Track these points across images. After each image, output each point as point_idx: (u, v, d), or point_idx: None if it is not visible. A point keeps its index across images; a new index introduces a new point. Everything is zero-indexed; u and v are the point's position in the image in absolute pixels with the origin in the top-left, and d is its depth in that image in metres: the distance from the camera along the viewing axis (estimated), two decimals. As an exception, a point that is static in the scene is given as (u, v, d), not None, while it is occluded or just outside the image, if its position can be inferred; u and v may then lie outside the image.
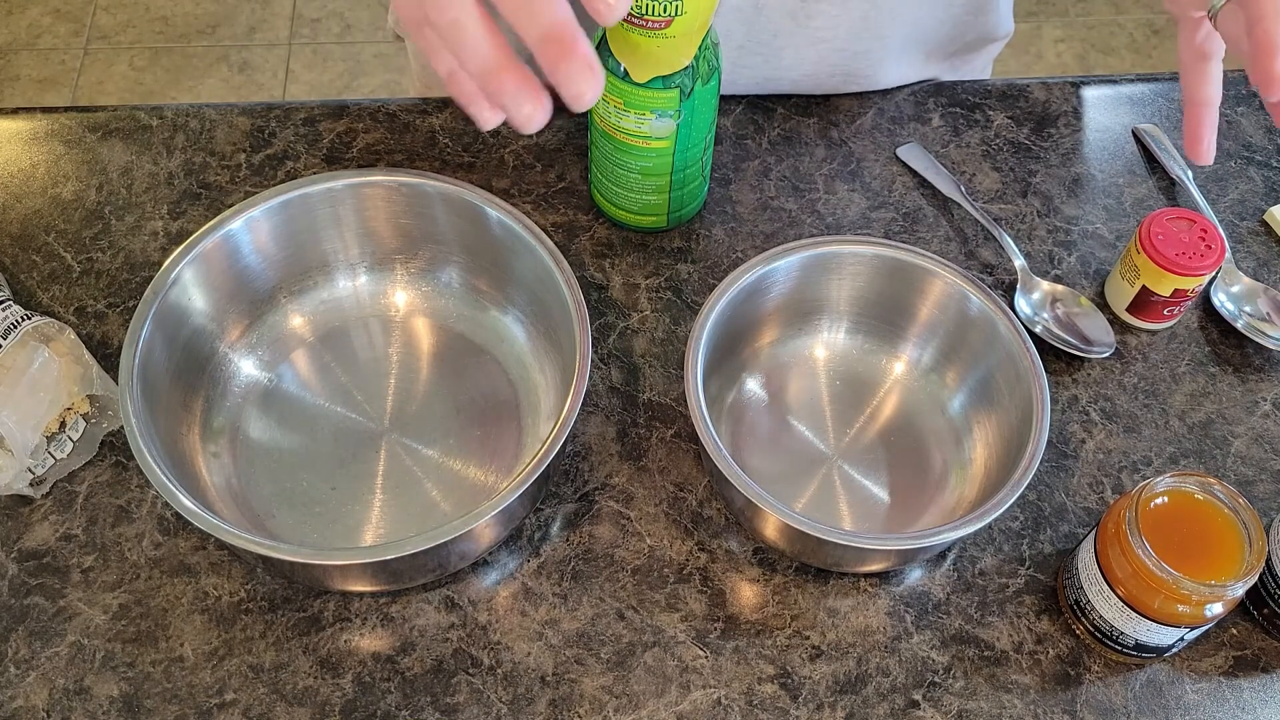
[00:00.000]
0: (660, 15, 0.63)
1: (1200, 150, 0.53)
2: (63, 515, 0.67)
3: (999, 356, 0.68)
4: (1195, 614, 0.59)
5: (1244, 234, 0.82)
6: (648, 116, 0.69)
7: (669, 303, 0.76)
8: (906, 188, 0.82)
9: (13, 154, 0.82)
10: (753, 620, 0.66)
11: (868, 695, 0.64)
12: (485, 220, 0.69)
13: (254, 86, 2.03)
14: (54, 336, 0.70)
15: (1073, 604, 0.65)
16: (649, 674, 0.64)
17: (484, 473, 0.69)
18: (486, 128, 0.49)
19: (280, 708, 0.62)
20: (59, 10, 2.12)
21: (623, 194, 0.76)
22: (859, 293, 0.72)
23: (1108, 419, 0.73)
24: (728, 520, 0.69)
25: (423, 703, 0.63)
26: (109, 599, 0.65)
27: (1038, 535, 0.69)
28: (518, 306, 0.73)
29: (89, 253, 0.77)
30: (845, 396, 0.73)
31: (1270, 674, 0.65)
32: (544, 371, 0.71)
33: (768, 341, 0.73)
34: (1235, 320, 0.76)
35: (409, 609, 0.65)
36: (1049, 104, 0.87)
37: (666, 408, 0.72)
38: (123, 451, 0.70)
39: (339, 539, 0.67)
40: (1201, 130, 0.52)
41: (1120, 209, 0.82)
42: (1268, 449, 0.73)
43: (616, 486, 0.69)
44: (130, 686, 0.63)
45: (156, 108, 0.84)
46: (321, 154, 0.82)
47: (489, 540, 0.64)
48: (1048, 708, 0.64)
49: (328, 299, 0.74)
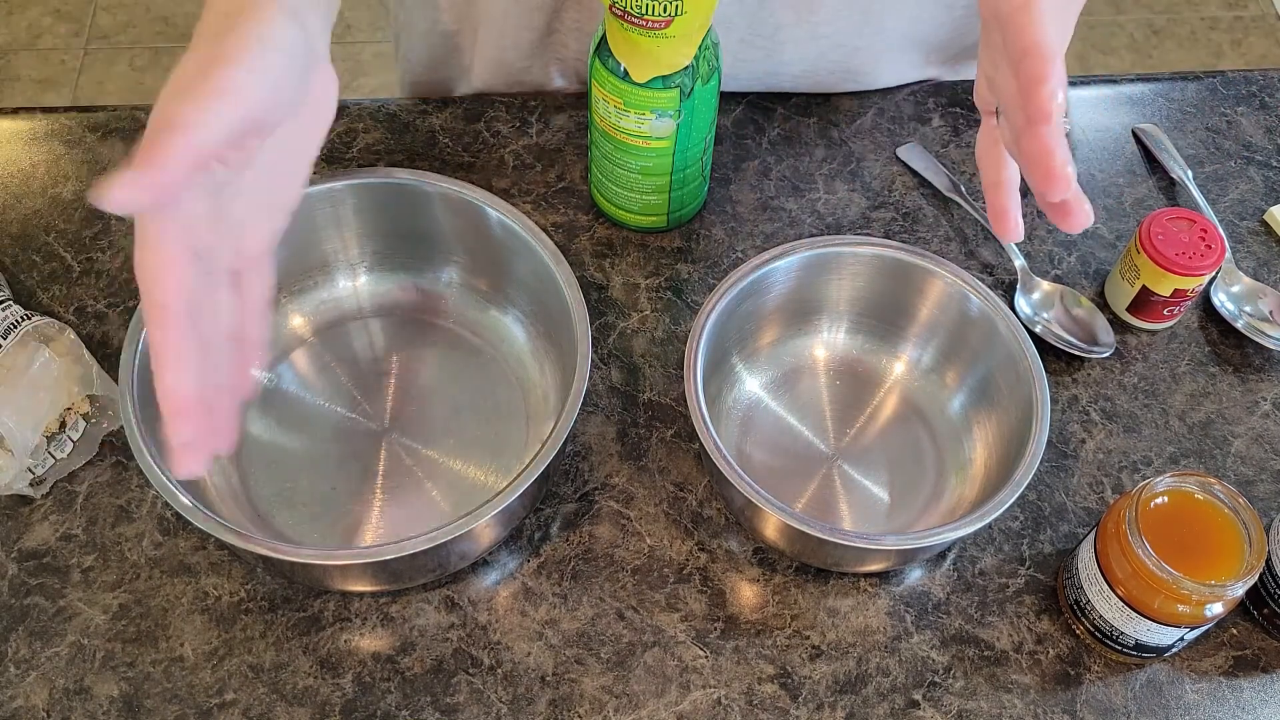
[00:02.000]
0: (660, 15, 0.63)
1: (1007, 228, 0.53)
2: (63, 515, 0.67)
3: (999, 356, 0.68)
4: (1195, 614, 0.59)
5: (1244, 234, 0.82)
6: (648, 116, 0.69)
7: (669, 303, 0.76)
8: (906, 188, 0.82)
9: (13, 154, 0.82)
10: (753, 620, 0.66)
11: (868, 695, 0.64)
12: (485, 220, 0.69)
13: (254, 86, 2.03)
14: (54, 336, 0.70)
15: (1073, 604, 0.65)
16: (649, 674, 0.64)
17: (484, 473, 0.69)
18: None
19: (280, 708, 0.62)
20: (59, 10, 2.12)
21: (623, 194, 0.76)
22: (859, 293, 0.72)
23: (1108, 419, 0.73)
24: (728, 520, 0.69)
25: (423, 703, 0.63)
26: (109, 599, 0.65)
27: (1038, 535, 0.69)
28: (518, 306, 0.73)
29: (89, 253, 0.77)
30: (845, 396, 0.73)
31: (1270, 674, 0.65)
32: (544, 371, 0.71)
33: (768, 341, 0.73)
34: (1235, 320, 0.76)
35: (409, 609, 0.65)
36: (1049, 104, 0.87)
37: (666, 408, 0.72)
38: (123, 451, 0.70)
39: (339, 539, 0.67)
40: (1006, 208, 0.53)
41: (1120, 209, 0.82)
42: (1268, 449, 0.73)
43: (616, 486, 0.69)
44: (130, 686, 0.63)
45: (156, 108, 0.84)
46: (321, 154, 0.82)
47: (489, 540, 0.64)
48: (1048, 708, 0.64)
49: (328, 299, 0.74)
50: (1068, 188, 0.48)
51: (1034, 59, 0.47)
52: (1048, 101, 0.46)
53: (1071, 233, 0.52)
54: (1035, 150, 0.47)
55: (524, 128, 0.84)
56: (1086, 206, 0.50)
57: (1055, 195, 0.48)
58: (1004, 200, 0.53)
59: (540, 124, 0.84)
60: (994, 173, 0.54)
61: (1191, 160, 0.84)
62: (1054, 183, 0.48)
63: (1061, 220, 0.50)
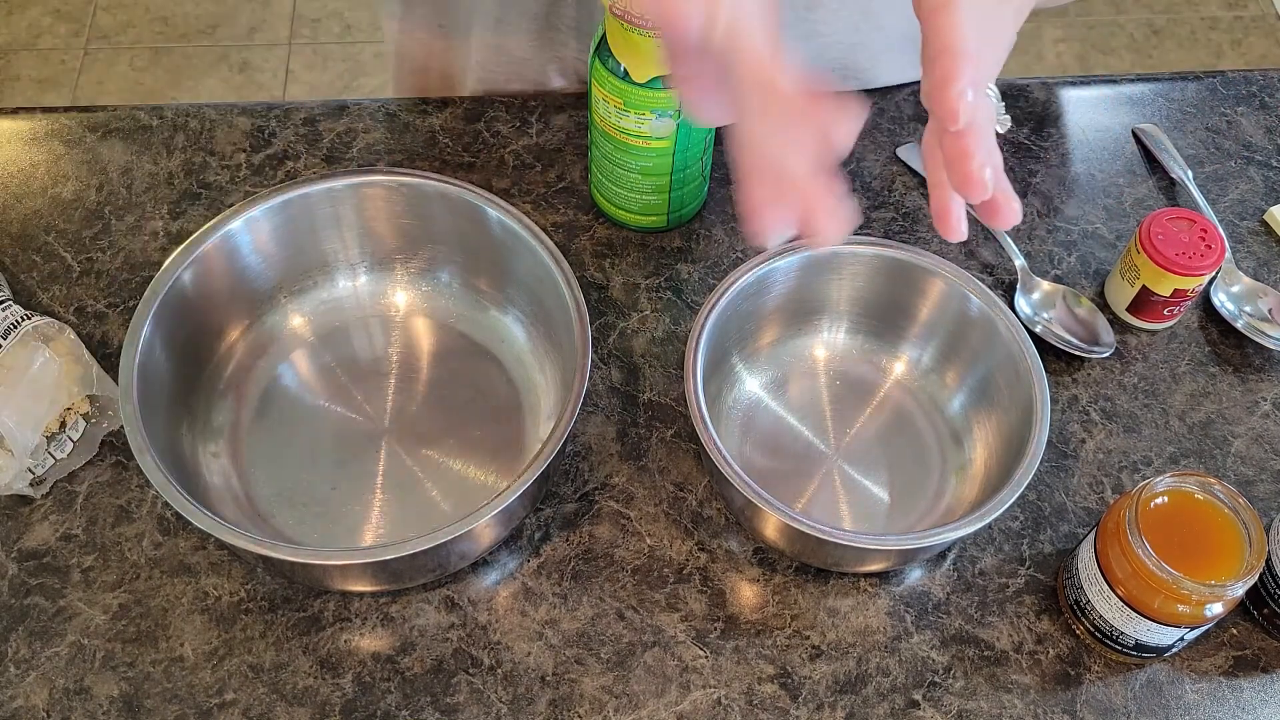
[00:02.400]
0: (660, 15, 0.63)
1: (948, 227, 0.53)
2: (63, 515, 0.67)
3: (999, 356, 0.68)
4: (1195, 614, 0.59)
5: (1244, 234, 0.82)
6: (648, 116, 0.69)
7: (669, 303, 0.76)
8: (906, 188, 0.82)
9: (13, 154, 0.82)
10: (753, 620, 0.66)
11: (868, 695, 0.64)
12: (485, 220, 0.69)
13: (254, 86, 2.03)
14: (54, 336, 0.70)
15: (1073, 604, 0.65)
16: (649, 674, 0.64)
17: (484, 473, 0.69)
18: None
19: (280, 708, 0.62)
20: (59, 10, 2.12)
21: (623, 194, 0.76)
22: (859, 293, 0.72)
23: (1108, 419, 0.73)
24: (728, 520, 0.69)
25: (423, 703, 0.63)
26: (109, 599, 0.65)
27: (1038, 535, 0.69)
28: (518, 306, 0.73)
29: (89, 253, 0.77)
30: (845, 396, 0.73)
31: (1270, 674, 0.65)
32: (544, 371, 0.71)
33: (768, 341, 0.73)
34: (1235, 320, 0.76)
35: (409, 609, 0.65)
36: (1049, 104, 0.87)
37: (666, 408, 0.72)
38: (123, 451, 0.70)
39: (339, 539, 0.67)
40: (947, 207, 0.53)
41: (1120, 209, 0.82)
42: (1268, 449, 0.73)
43: (616, 486, 0.69)
44: (130, 686, 0.63)
45: (156, 108, 0.84)
46: (321, 154, 0.82)
47: (489, 540, 0.64)
48: (1048, 708, 0.64)
49: (328, 299, 0.74)
50: (984, 191, 0.48)
51: (945, 59, 0.47)
52: (955, 101, 0.46)
53: (1001, 228, 0.52)
54: (953, 152, 0.48)
55: (524, 128, 0.84)
56: (1015, 205, 0.50)
57: (972, 197, 0.48)
58: (944, 199, 0.53)
59: (540, 124, 0.84)
60: (935, 172, 0.54)
61: (1191, 160, 0.84)
62: (970, 186, 0.48)
63: (988, 217, 0.50)
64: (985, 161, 0.48)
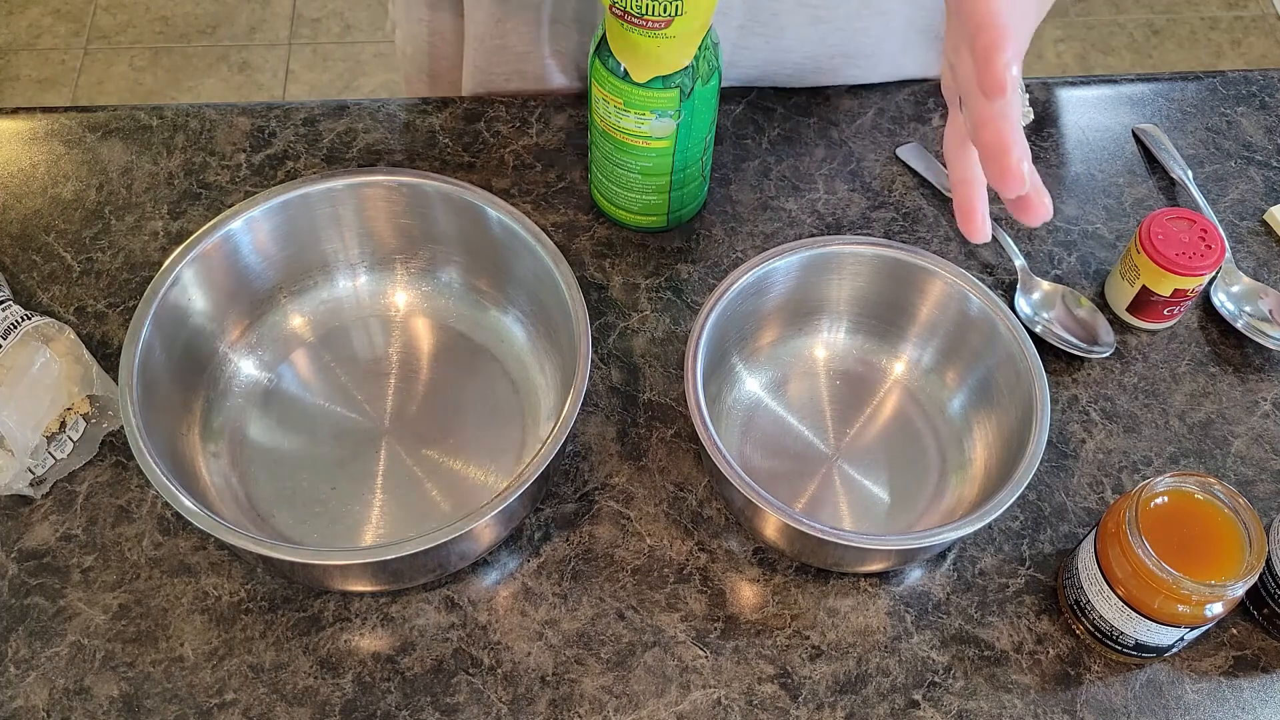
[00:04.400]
0: (660, 15, 0.63)
1: (974, 227, 0.52)
2: (63, 515, 0.67)
3: (999, 356, 0.68)
4: (1195, 614, 0.59)
5: (1244, 234, 0.82)
6: (648, 116, 0.69)
7: (669, 303, 0.76)
8: (906, 188, 0.82)
9: (13, 154, 0.82)
10: (753, 620, 0.66)
11: (868, 695, 0.64)
12: (485, 220, 0.70)
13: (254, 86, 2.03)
14: (54, 336, 0.70)
15: (1073, 604, 0.65)
16: (649, 674, 0.64)
17: (484, 473, 0.69)
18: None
19: (280, 708, 0.62)
20: (59, 10, 2.12)
21: (623, 194, 0.76)
22: (859, 293, 0.72)
23: (1108, 419, 0.73)
24: (728, 520, 0.69)
25: (423, 703, 0.63)
26: (109, 599, 0.65)
27: (1038, 535, 0.69)
28: (518, 306, 0.73)
29: (89, 253, 0.77)
30: (845, 396, 0.73)
31: (1270, 674, 0.65)
32: (544, 371, 0.71)
33: (768, 341, 0.73)
34: (1235, 320, 0.76)
35: (409, 609, 0.65)
36: (1049, 104, 0.87)
37: (666, 408, 0.72)
38: (123, 451, 0.70)
39: (339, 539, 0.67)
40: (974, 205, 0.52)
41: (1120, 209, 0.82)
42: (1268, 449, 0.73)
43: (616, 486, 0.69)
44: (130, 686, 0.63)
45: (156, 108, 0.84)
46: (321, 154, 0.82)
47: (489, 540, 0.64)
48: (1048, 708, 0.64)
49: (328, 299, 0.74)
50: (1022, 185, 0.47)
51: (987, 32, 0.46)
52: (1002, 72, 0.45)
53: (1031, 226, 0.51)
54: (991, 144, 0.47)
55: (524, 128, 0.84)
56: (1047, 200, 0.49)
57: (1010, 192, 0.47)
58: (972, 197, 0.52)
59: (540, 124, 0.84)
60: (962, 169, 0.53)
61: (1191, 160, 0.84)
62: (1008, 179, 0.47)
63: (1021, 214, 0.50)
64: (1023, 155, 0.47)
